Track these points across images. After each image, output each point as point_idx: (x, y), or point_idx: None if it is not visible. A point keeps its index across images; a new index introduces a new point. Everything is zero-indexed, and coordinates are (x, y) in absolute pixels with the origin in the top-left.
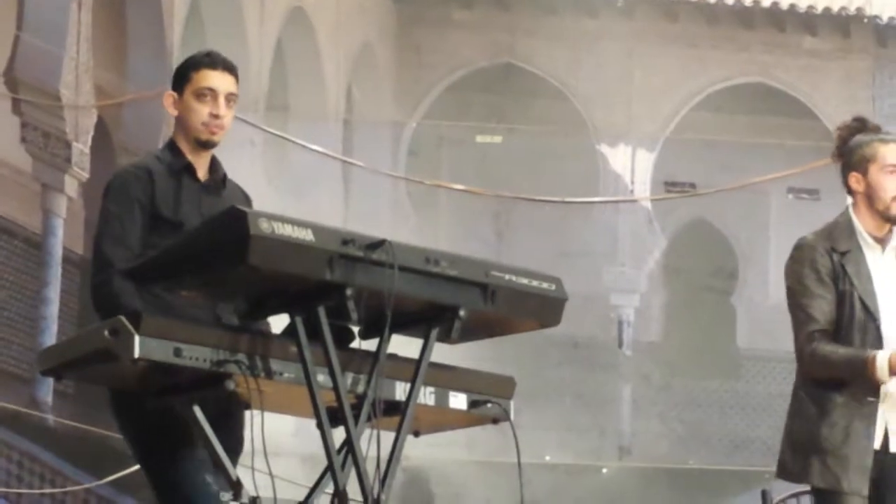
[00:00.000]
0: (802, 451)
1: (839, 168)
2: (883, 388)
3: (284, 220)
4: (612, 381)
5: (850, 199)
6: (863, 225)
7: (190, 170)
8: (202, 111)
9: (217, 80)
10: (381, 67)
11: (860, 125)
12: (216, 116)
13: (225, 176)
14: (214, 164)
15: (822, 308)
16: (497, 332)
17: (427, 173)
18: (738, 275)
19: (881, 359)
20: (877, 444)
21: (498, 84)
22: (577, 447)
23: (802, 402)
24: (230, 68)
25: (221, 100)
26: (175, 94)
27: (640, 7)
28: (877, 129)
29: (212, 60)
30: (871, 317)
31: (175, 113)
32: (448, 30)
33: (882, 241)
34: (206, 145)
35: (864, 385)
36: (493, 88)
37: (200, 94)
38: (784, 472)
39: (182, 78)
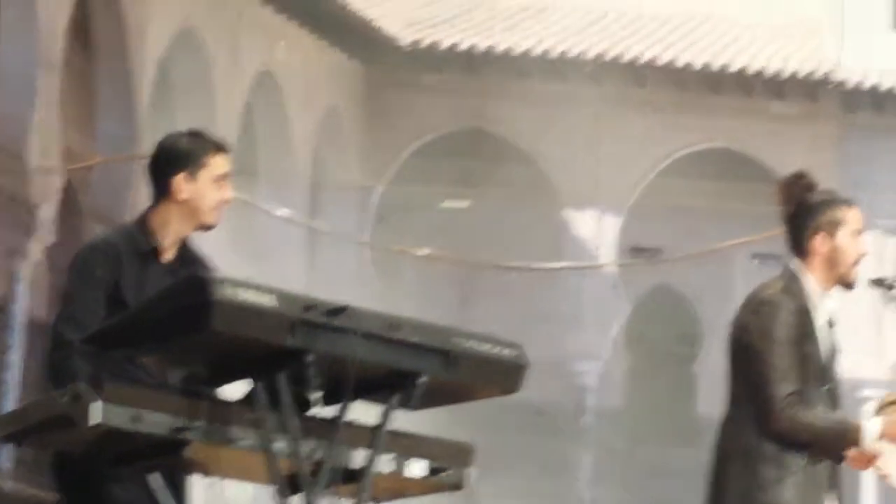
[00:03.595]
0: None
1: (794, 225)
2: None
3: (247, 285)
4: (574, 447)
5: (793, 259)
6: (813, 287)
7: (156, 253)
8: (217, 197)
9: (228, 165)
10: (349, 131)
11: (809, 182)
12: (227, 202)
13: (194, 255)
14: (184, 244)
15: (793, 368)
16: (459, 398)
17: (394, 238)
18: (700, 341)
19: (869, 427)
20: None
21: (466, 148)
22: None
23: (757, 464)
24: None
25: (228, 184)
26: (185, 176)
27: (609, 72)
28: (817, 186)
29: (223, 145)
30: (825, 380)
31: (185, 196)
32: (417, 94)
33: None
34: (210, 228)
35: (834, 452)
36: (461, 153)
37: (218, 180)
38: None
39: (195, 161)
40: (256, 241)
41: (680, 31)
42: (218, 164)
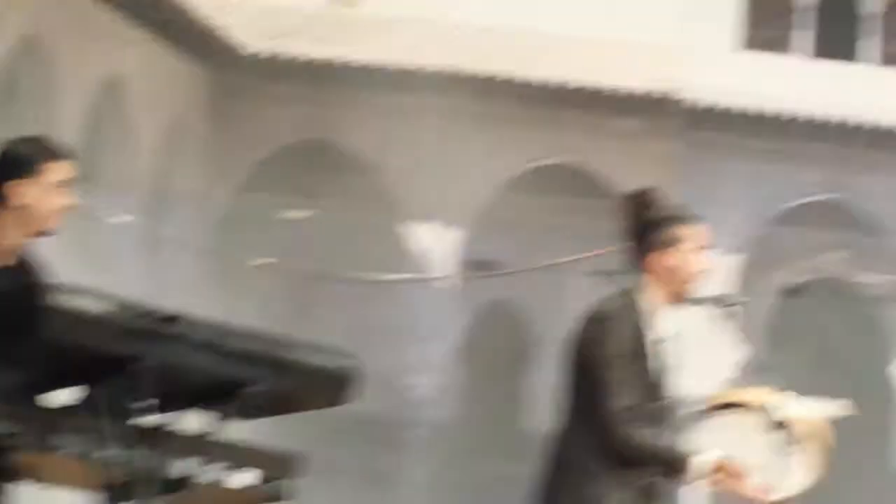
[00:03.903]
0: None
1: (634, 241)
2: None
3: (81, 291)
4: (407, 460)
5: (633, 274)
6: (650, 303)
7: None
8: (56, 203)
9: (69, 171)
10: (194, 139)
11: (651, 198)
12: (66, 209)
13: (32, 262)
14: (22, 251)
15: (629, 384)
16: (290, 408)
17: (236, 247)
18: (535, 356)
19: (698, 462)
20: None
21: (311, 159)
22: None
23: (585, 478)
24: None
25: (68, 191)
26: (23, 182)
27: (455, 85)
28: (660, 202)
29: (64, 151)
30: (656, 396)
31: (22, 202)
32: (264, 103)
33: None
34: (48, 235)
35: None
36: (306, 163)
37: (58, 187)
38: None
39: (33, 167)
40: (96, 249)
41: (527, 46)
42: (58, 171)
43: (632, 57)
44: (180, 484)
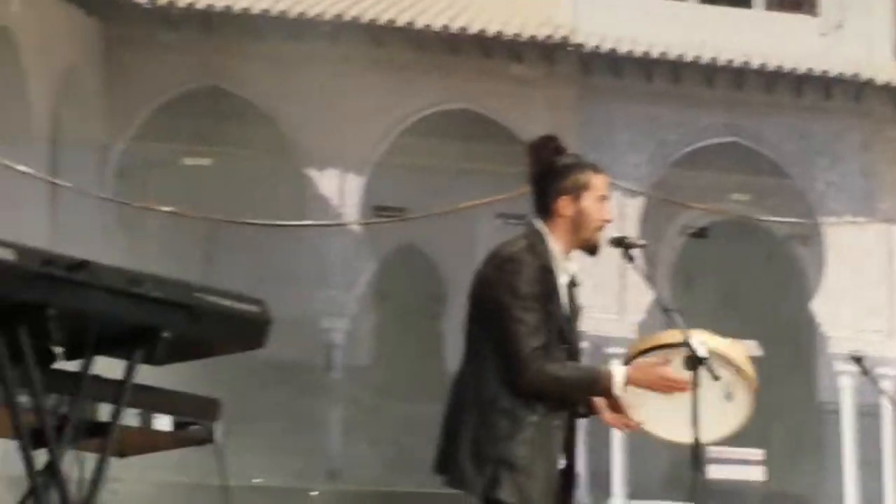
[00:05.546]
0: (491, 465)
1: (541, 186)
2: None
3: None
4: (322, 404)
5: (537, 220)
6: (557, 247)
7: None
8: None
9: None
10: (88, 88)
11: (557, 146)
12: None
13: None
14: None
15: (539, 324)
16: (202, 353)
17: (135, 195)
18: (445, 299)
19: (618, 373)
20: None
21: (206, 107)
22: (287, 470)
23: (492, 416)
24: None
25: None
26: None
27: (346, 32)
28: (566, 150)
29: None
30: (564, 339)
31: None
32: (155, 51)
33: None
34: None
35: (583, 401)
36: (201, 111)
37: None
38: (462, 483)
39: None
40: None
41: None
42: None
43: (524, 3)
44: (100, 428)
